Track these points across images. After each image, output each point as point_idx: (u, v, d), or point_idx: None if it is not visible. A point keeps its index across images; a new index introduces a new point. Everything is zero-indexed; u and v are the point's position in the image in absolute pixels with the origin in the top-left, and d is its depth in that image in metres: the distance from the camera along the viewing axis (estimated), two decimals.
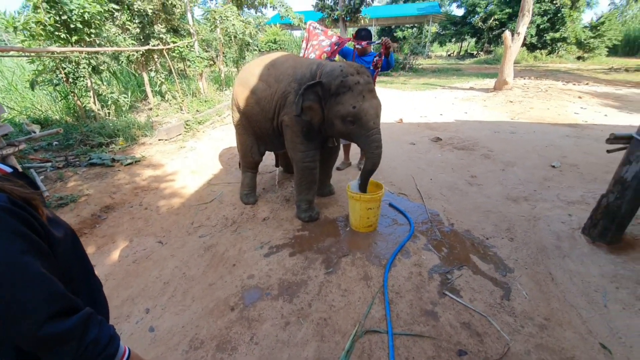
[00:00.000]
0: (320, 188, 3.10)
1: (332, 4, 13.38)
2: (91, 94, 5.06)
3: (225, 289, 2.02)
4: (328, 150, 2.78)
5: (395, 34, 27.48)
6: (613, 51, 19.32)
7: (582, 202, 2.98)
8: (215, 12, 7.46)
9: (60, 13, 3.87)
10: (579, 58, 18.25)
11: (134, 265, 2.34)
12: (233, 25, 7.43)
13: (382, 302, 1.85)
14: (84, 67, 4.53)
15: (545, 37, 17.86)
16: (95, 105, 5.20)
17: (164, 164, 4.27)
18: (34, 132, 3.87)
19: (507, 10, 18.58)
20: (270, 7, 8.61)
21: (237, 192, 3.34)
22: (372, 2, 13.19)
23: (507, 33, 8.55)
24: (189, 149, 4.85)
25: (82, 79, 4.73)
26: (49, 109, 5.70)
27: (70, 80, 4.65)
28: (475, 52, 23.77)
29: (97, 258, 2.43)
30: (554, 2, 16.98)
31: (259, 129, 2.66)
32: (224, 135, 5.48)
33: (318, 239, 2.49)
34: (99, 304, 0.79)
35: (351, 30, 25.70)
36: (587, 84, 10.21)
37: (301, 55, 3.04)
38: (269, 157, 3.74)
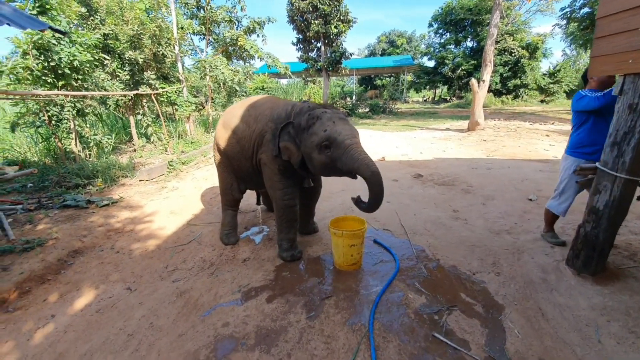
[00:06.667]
0: (304, 226, 3.03)
1: (315, 56, 14.54)
2: (73, 135, 5.02)
3: (197, 340, 1.82)
4: (310, 188, 2.77)
5: (375, 82, 29.72)
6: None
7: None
8: (205, 61, 7.92)
9: (50, 60, 3.99)
10: (542, 101, 20.10)
11: (97, 316, 2.11)
12: (222, 73, 7.85)
13: (368, 349, 1.71)
14: (68, 110, 4.56)
15: (509, 84, 19.79)
16: (77, 146, 5.14)
17: (142, 205, 4.12)
18: (7, 174, 3.73)
19: (472, 62, 20.72)
20: (258, 58, 9.25)
21: (217, 232, 3.21)
22: (352, 55, 14.41)
23: (474, 80, 9.42)
24: (171, 189, 4.74)
25: (65, 121, 4.73)
26: (28, 151, 5.58)
27: (54, 122, 4.64)
28: (448, 98, 25.82)
29: (58, 307, 2.20)
30: (513, 54, 19.12)
31: (238, 167, 2.67)
32: (208, 175, 5.44)
33: (300, 280, 2.36)
34: None
35: (334, 79, 27.43)
36: (552, 123, 11.09)
37: None
38: (252, 196, 3.69)
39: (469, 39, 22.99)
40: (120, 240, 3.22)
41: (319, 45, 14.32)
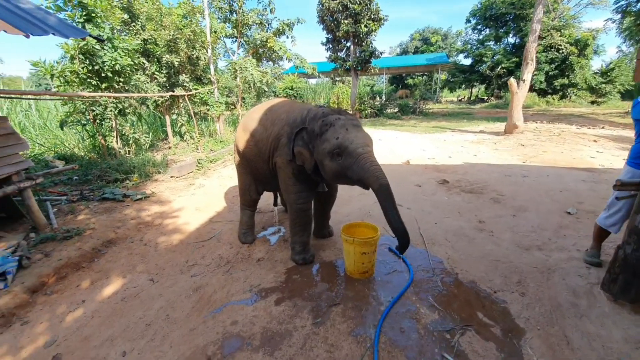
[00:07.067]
0: (319, 230, 3.04)
1: (344, 55, 14.45)
2: (114, 133, 5.46)
3: (206, 336, 1.90)
4: (326, 192, 2.77)
5: (406, 81, 28.89)
6: (628, 96, 19.32)
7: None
8: (235, 63, 8.21)
9: (94, 64, 4.37)
10: (593, 102, 18.30)
11: (121, 304, 2.28)
12: (251, 74, 8.10)
13: None
14: (110, 110, 4.96)
15: (555, 83, 18.23)
16: (117, 143, 5.59)
17: (171, 201, 4.38)
18: (56, 167, 4.15)
19: (513, 59, 19.37)
20: (287, 59, 9.41)
21: (236, 230, 3.32)
22: (382, 54, 14.12)
23: (512, 80, 8.78)
24: (198, 186, 4.98)
25: (108, 120, 5.16)
26: (76, 147, 6.16)
27: (98, 121, 5.08)
28: (485, 97, 24.38)
29: (88, 293, 2.41)
30: (560, 51, 17.59)
31: (256, 169, 2.74)
32: (232, 174, 5.63)
33: (310, 284, 2.37)
34: None
35: (364, 79, 26.91)
36: (602, 127, 10.05)
37: None
38: (272, 196, 3.76)
39: (510, 35, 21.53)
40: (149, 233, 3.45)
41: (348, 44, 14.22)
